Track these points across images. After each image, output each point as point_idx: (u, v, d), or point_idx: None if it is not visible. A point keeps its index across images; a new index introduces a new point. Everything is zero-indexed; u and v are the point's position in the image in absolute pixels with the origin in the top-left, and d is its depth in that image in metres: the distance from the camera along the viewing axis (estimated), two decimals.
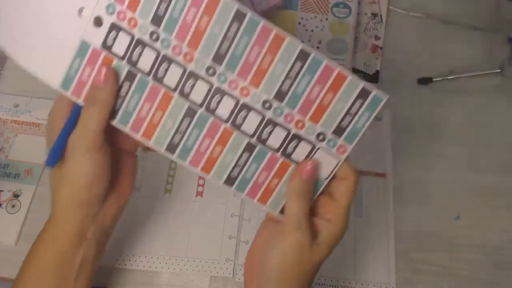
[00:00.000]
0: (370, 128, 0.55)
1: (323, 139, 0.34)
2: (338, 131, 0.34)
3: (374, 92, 0.32)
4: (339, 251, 0.49)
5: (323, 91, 0.32)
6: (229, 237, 0.50)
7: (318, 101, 0.33)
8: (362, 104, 0.32)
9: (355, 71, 0.59)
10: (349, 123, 0.33)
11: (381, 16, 0.63)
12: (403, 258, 0.49)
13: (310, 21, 0.60)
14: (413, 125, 0.57)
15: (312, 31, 0.59)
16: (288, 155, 0.34)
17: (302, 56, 0.31)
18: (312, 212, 0.34)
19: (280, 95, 0.33)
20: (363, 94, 0.32)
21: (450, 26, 0.64)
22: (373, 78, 0.59)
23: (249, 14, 0.31)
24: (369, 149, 0.55)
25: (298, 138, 0.34)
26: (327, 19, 0.60)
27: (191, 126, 0.34)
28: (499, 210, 0.52)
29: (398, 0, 0.66)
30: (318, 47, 0.58)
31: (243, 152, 0.34)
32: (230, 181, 0.35)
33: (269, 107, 0.33)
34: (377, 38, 0.62)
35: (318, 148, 0.34)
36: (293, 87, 0.32)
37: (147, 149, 0.36)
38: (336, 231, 0.34)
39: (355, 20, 0.60)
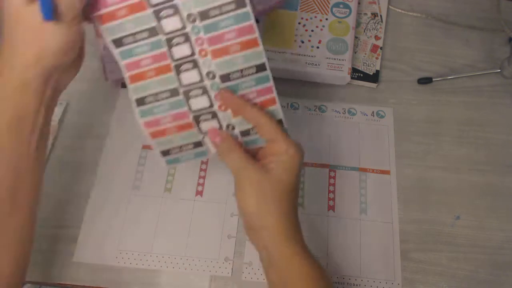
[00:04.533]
0: (373, 125, 0.56)
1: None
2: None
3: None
4: (344, 248, 0.49)
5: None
6: (228, 236, 0.50)
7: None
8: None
9: (355, 71, 0.59)
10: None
11: (381, 16, 0.63)
12: (403, 258, 0.49)
13: (310, 21, 0.60)
14: (413, 125, 0.57)
15: (312, 31, 0.59)
16: (197, 119, 0.40)
17: (261, 68, 0.38)
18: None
19: (225, 79, 0.38)
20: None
21: (450, 26, 0.64)
22: (373, 78, 0.59)
23: (248, 7, 0.36)
24: (373, 147, 0.55)
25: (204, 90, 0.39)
26: (327, 19, 0.60)
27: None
28: (499, 210, 0.52)
29: (398, 0, 0.66)
30: (318, 47, 0.58)
31: (166, 92, 0.39)
32: (140, 102, 0.39)
33: (213, 78, 0.38)
34: (377, 38, 0.62)
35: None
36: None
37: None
38: (283, 157, 0.38)
39: (355, 20, 0.60)
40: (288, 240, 0.37)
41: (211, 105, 0.39)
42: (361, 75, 0.59)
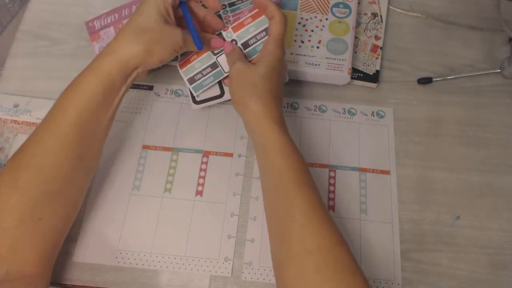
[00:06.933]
0: (373, 125, 0.56)
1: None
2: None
3: None
4: None
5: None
6: (228, 236, 0.50)
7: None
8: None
9: (355, 71, 0.59)
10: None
11: (381, 16, 0.63)
12: (403, 258, 0.49)
13: (310, 21, 0.60)
14: (413, 125, 0.57)
15: (312, 31, 0.59)
16: None
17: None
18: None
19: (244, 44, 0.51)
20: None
21: (450, 26, 0.64)
22: (373, 78, 0.59)
23: None
24: (373, 147, 0.55)
25: None
26: (327, 19, 0.60)
27: None
28: (499, 210, 0.52)
29: (398, 0, 0.66)
30: (318, 47, 0.58)
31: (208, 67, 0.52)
32: (191, 80, 0.53)
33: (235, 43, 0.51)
34: (377, 38, 0.62)
35: None
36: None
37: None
38: (266, 53, 0.47)
39: (355, 20, 0.60)
40: (266, 118, 0.43)
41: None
42: (361, 75, 0.59)
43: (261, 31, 0.49)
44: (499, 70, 0.59)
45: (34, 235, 0.40)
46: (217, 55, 0.51)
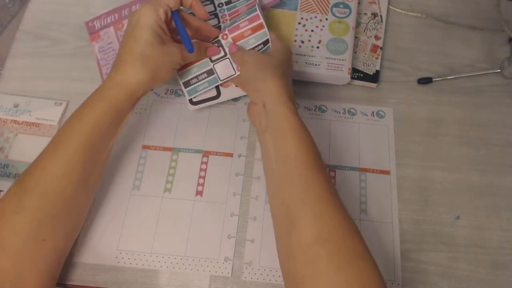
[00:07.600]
0: (373, 125, 0.56)
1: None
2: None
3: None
4: None
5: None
6: (228, 236, 0.50)
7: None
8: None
9: (355, 71, 0.59)
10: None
11: (381, 16, 0.63)
12: (403, 258, 0.49)
13: (310, 21, 0.60)
14: (413, 125, 0.57)
15: (312, 31, 0.59)
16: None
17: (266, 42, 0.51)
18: None
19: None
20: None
21: (450, 26, 0.64)
22: (373, 78, 0.59)
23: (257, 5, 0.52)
24: (373, 147, 0.55)
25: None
26: (327, 19, 0.60)
27: None
28: (499, 210, 0.52)
29: (398, 0, 0.66)
30: (318, 47, 0.58)
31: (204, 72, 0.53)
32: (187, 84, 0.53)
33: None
34: (377, 38, 0.62)
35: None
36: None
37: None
38: (278, 48, 0.50)
39: (355, 20, 0.60)
40: (284, 99, 0.45)
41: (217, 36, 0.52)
42: (361, 75, 0.59)
43: (260, 43, 0.50)
44: (499, 70, 0.59)
45: (37, 255, 0.41)
46: (214, 63, 0.52)
